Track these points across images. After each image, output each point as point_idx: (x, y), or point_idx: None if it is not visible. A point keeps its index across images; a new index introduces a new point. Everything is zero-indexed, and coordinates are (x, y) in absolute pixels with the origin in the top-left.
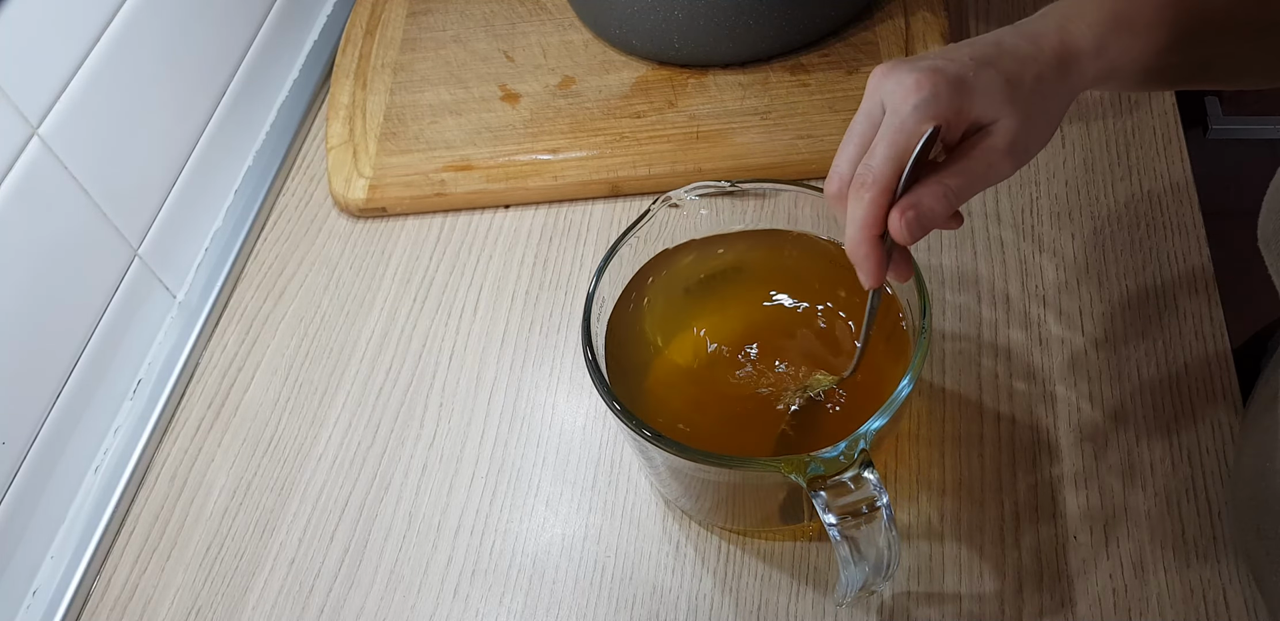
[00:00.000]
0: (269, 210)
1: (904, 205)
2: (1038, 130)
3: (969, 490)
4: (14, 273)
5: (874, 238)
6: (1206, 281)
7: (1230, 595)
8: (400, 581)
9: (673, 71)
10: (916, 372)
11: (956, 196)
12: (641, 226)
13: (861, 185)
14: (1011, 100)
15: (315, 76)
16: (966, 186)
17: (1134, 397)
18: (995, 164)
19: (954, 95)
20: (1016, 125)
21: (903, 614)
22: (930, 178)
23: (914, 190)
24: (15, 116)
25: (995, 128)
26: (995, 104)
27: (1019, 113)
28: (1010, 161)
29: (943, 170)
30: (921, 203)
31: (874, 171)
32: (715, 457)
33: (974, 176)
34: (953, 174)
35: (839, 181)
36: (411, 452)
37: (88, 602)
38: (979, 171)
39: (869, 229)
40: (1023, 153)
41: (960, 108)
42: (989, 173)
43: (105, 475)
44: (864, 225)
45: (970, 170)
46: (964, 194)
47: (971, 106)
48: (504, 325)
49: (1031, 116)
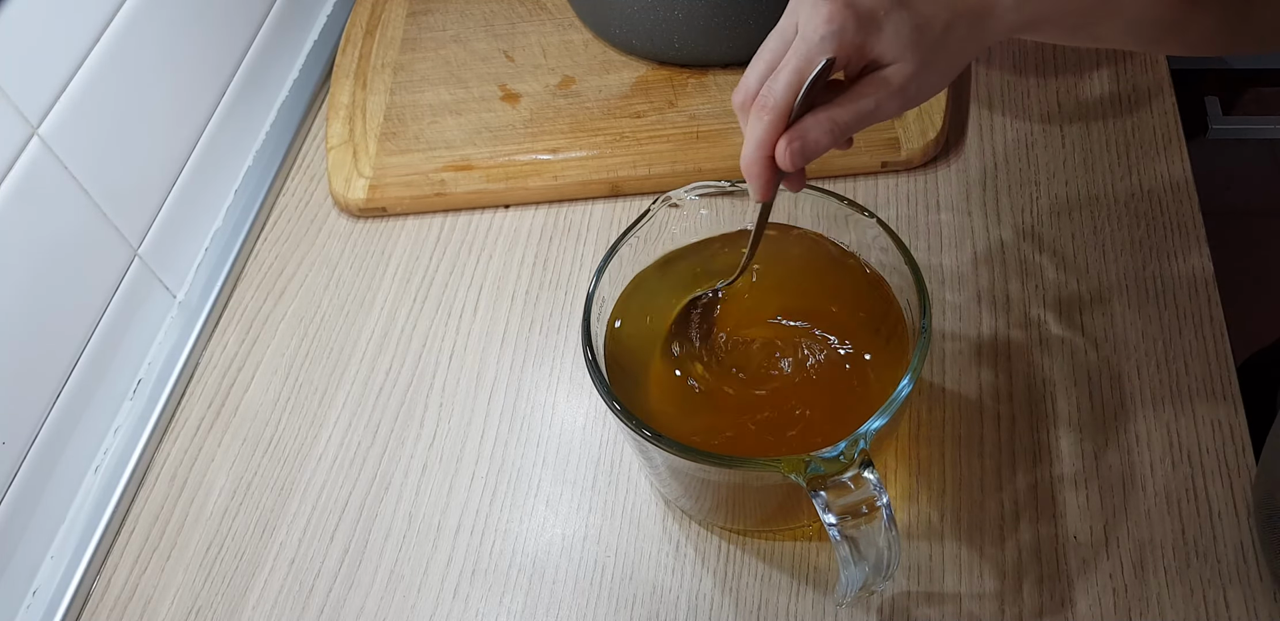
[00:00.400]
0: (269, 210)
1: (791, 135)
2: (934, 77)
3: (969, 490)
4: (14, 273)
5: (766, 157)
6: (1206, 281)
7: (1230, 595)
8: (400, 581)
9: (673, 71)
10: (916, 373)
11: (842, 130)
12: (641, 226)
13: (762, 107)
14: (915, 45)
15: (315, 76)
16: (853, 121)
17: (1134, 397)
18: (883, 103)
19: (860, 31)
20: (913, 69)
21: (903, 614)
22: (820, 110)
23: (803, 120)
24: (15, 116)
25: (892, 69)
26: (898, 47)
27: (918, 58)
28: (897, 102)
29: (833, 103)
30: (808, 134)
31: (774, 94)
32: (715, 457)
33: (861, 113)
34: (842, 108)
35: (744, 95)
36: (411, 452)
37: (88, 602)
38: (867, 108)
39: (763, 149)
40: (914, 96)
41: (863, 44)
42: (876, 111)
43: (105, 475)
44: (759, 145)
45: (859, 107)
46: (850, 128)
47: (875, 44)
48: (504, 325)
49: (931, 63)
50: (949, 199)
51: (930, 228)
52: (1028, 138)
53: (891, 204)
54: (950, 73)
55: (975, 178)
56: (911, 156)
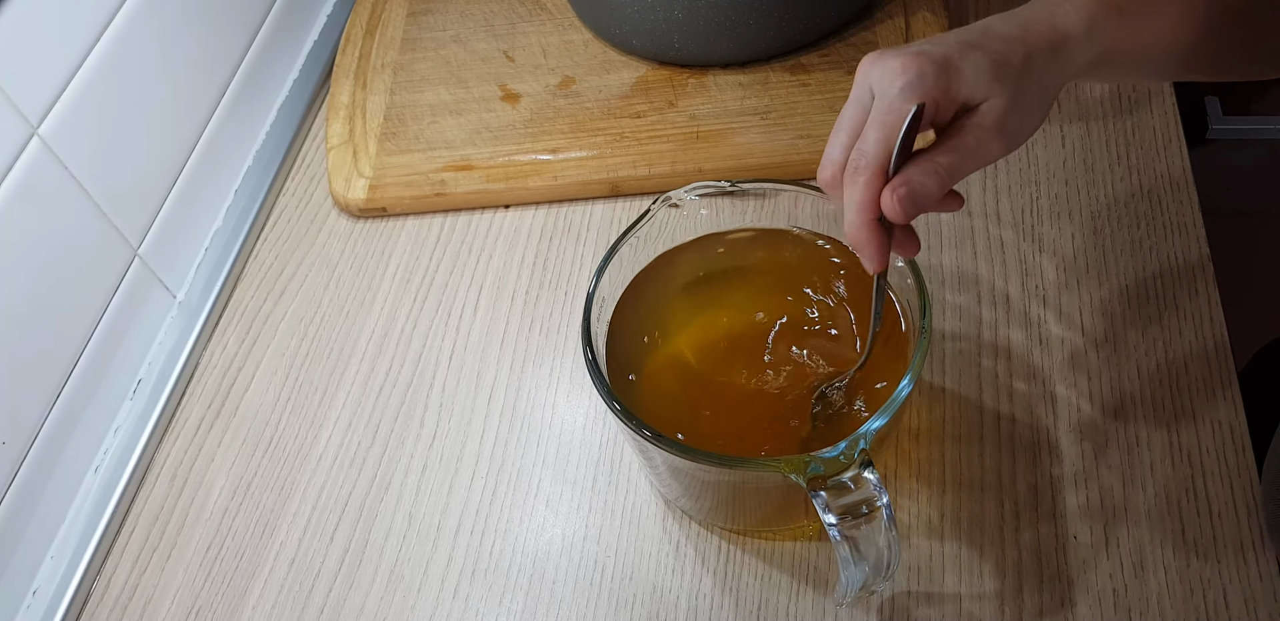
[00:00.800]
0: (269, 210)
1: (895, 183)
2: (1028, 111)
3: (969, 490)
4: (14, 273)
5: (872, 221)
6: (1206, 281)
7: (1230, 595)
8: (400, 581)
9: (673, 71)
10: (916, 373)
11: (948, 173)
12: (641, 226)
13: (855, 169)
14: (999, 79)
15: (315, 76)
16: (957, 163)
17: (1134, 398)
18: (984, 141)
19: (939, 76)
20: (1005, 104)
21: (903, 614)
22: (921, 157)
23: (904, 169)
24: (15, 116)
25: (984, 107)
26: (983, 83)
27: (1007, 92)
28: (1000, 140)
29: (933, 150)
30: (912, 180)
31: (866, 155)
32: (715, 457)
33: (964, 154)
34: (943, 152)
35: (832, 168)
36: (411, 452)
37: (88, 602)
38: (969, 149)
39: (866, 212)
40: (1013, 133)
41: (947, 87)
42: (979, 151)
43: (105, 475)
44: (861, 208)
45: (960, 148)
46: (955, 171)
47: (959, 86)
48: (504, 325)
49: (1020, 97)
50: None
51: (930, 228)
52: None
53: None
54: (1042, 107)
55: (975, 178)
56: None
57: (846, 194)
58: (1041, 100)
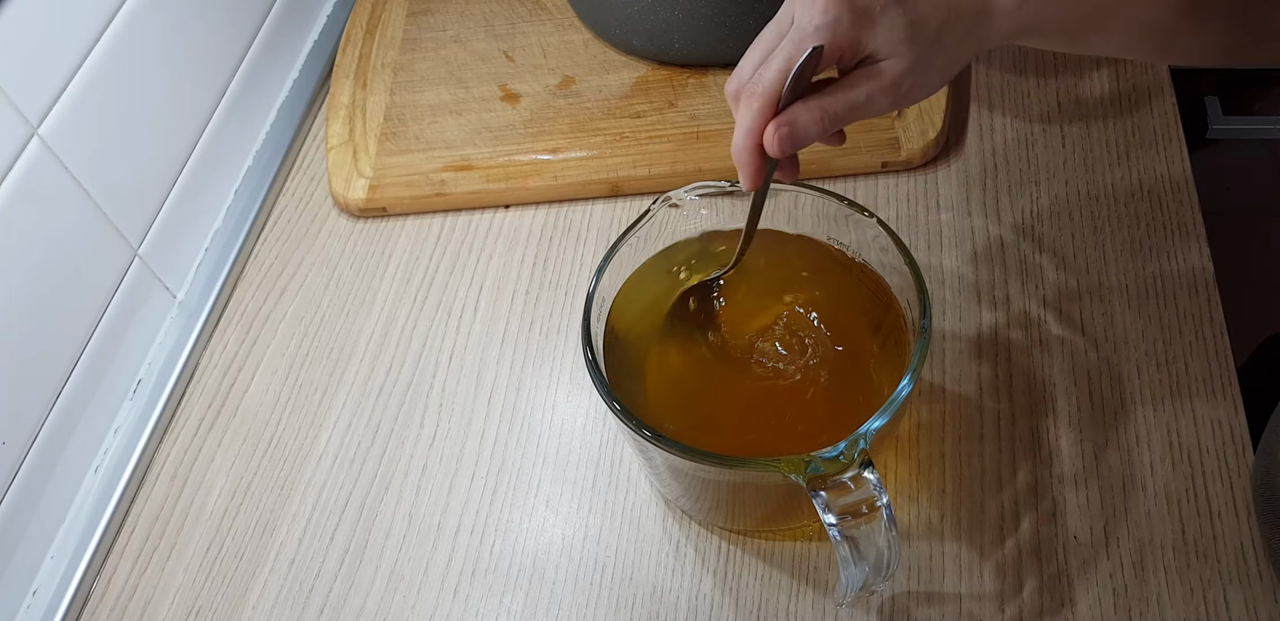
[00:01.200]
0: (269, 210)
1: (780, 120)
2: (929, 75)
3: (969, 490)
4: (14, 273)
5: (756, 145)
6: (1206, 281)
7: (1230, 595)
8: (400, 581)
9: (673, 71)
10: (916, 373)
11: (831, 119)
12: (641, 226)
13: (751, 94)
14: (909, 41)
15: (315, 76)
16: (843, 112)
17: (1134, 397)
18: (874, 97)
19: (854, 24)
20: (905, 65)
21: (903, 614)
22: (812, 98)
23: (792, 107)
24: (15, 116)
25: (885, 64)
26: (891, 42)
27: (913, 54)
28: (889, 97)
29: (825, 93)
30: (797, 120)
31: (763, 81)
32: (715, 457)
33: (852, 104)
34: (833, 97)
35: (737, 83)
36: (411, 452)
37: (88, 602)
38: (858, 100)
39: (751, 136)
40: (906, 93)
41: (858, 37)
42: (867, 103)
43: (105, 475)
44: (748, 133)
45: (850, 98)
46: (839, 118)
47: (870, 39)
48: (504, 325)
49: (924, 62)
50: (949, 199)
51: (930, 228)
52: (1028, 138)
53: (891, 204)
54: (946, 73)
55: (975, 178)
56: (911, 156)
57: (739, 115)
58: (945, 67)
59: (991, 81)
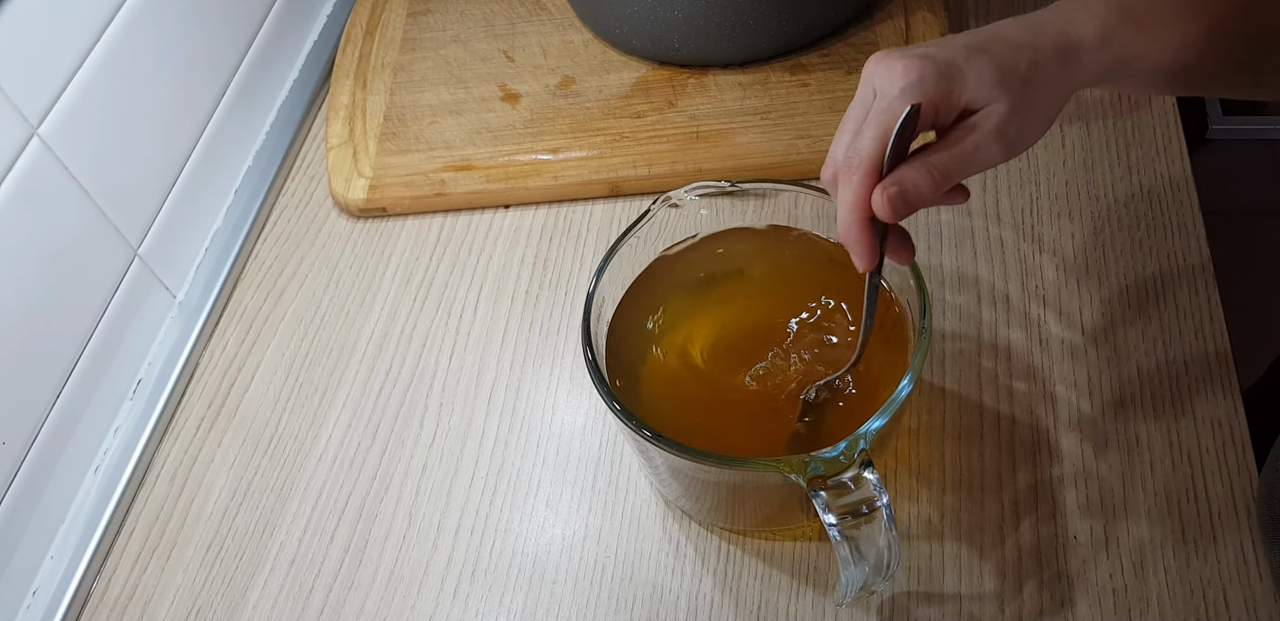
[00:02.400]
0: (269, 210)
1: (887, 182)
2: (1031, 118)
3: (969, 490)
4: (14, 273)
5: (863, 220)
6: (1206, 281)
7: (1230, 595)
8: (400, 581)
9: (673, 71)
10: (916, 373)
11: (941, 173)
12: (641, 226)
13: (849, 168)
14: (1003, 85)
15: (315, 76)
16: (951, 165)
17: (1134, 398)
18: (983, 145)
19: (941, 79)
20: (1006, 109)
21: (903, 614)
22: (916, 157)
23: (898, 169)
24: (15, 116)
25: (985, 111)
26: (985, 88)
27: (1010, 97)
28: (998, 145)
29: (929, 150)
30: (904, 178)
31: (860, 153)
32: (715, 458)
33: (959, 156)
34: (938, 152)
35: (833, 167)
36: (411, 452)
37: (88, 602)
38: (965, 152)
39: (858, 211)
40: (1014, 139)
41: (949, 91)
42: (976, 154)
43: (105, 475)
44: (853, 207)
45: (956, 149)
46: (949, 172)
47: (962, 90)
48: (504, 325)
49: (1024, 103)
50: None
51: (930, 228)
52: None
53: None
54: (1049, 114)
55: (975, 178)
56: None
57: (840, 192)
58: (1047, 108)
59: None
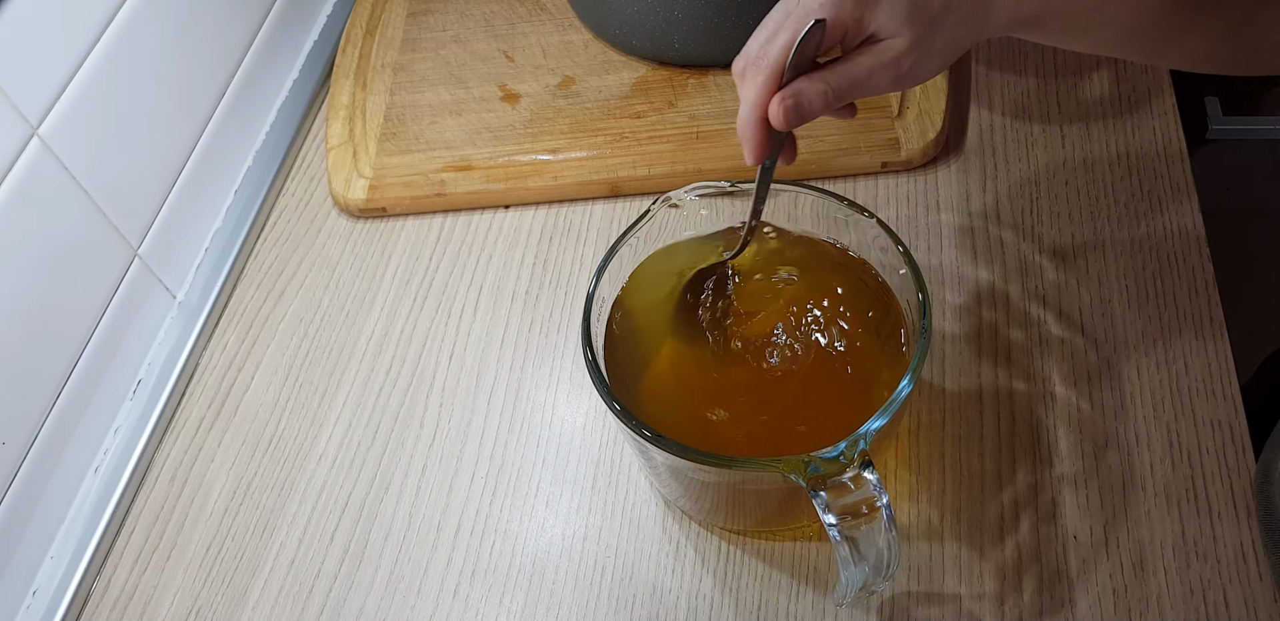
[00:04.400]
0: (269, 210)
1: (784, 93)
2: (928, 56)
3: (969, 490)
4: (14, 273)
5: (760, 118)
6: (1206, 281)
7: (1230, 595)
8: (400, 581)
9: (673, 71)
10: (916, 373)
11: (834, 94)
12: (641, 226)
13: (756, 68)
14: (910, 21)
15: (315, 76)
16: (845, 87)
17: (1134, 397)
18: (875, 73)
19: (858, 3)
20: (907, 44)
21: (903, 614)
22: (816, 73)
23: (797, 81)
24: (15, 116)
25: (887, 43)
26: (894, 21)
27: (914, 34)
28: (890, 76)
29: (829, 68)
30: (801, 93)
31: (768, 56)
32: (715, 458)
33: (854, 80)
34: (836, 73)
35: (744, 61)
36: (411, 452)
37: (88, 602)
38: (860, 76)
39: (757, 110)
40: (908, 73)
41: (860, 17)
42: (868, 79)
43: (105, 475)
44: (753, 106)
45: (852, 74)
46: (842, 94)
47: (872, 17)
48: (504, 325)
49: (925, 42)
50: (949, 199)
51: (930, 228)
52: (1028, 138)
53: (891, 204)
54: (946, 56)
55: (975, 178)
56: (911, 156)
57: (743, 89)
58: (946, 50)
59: (991, 81)
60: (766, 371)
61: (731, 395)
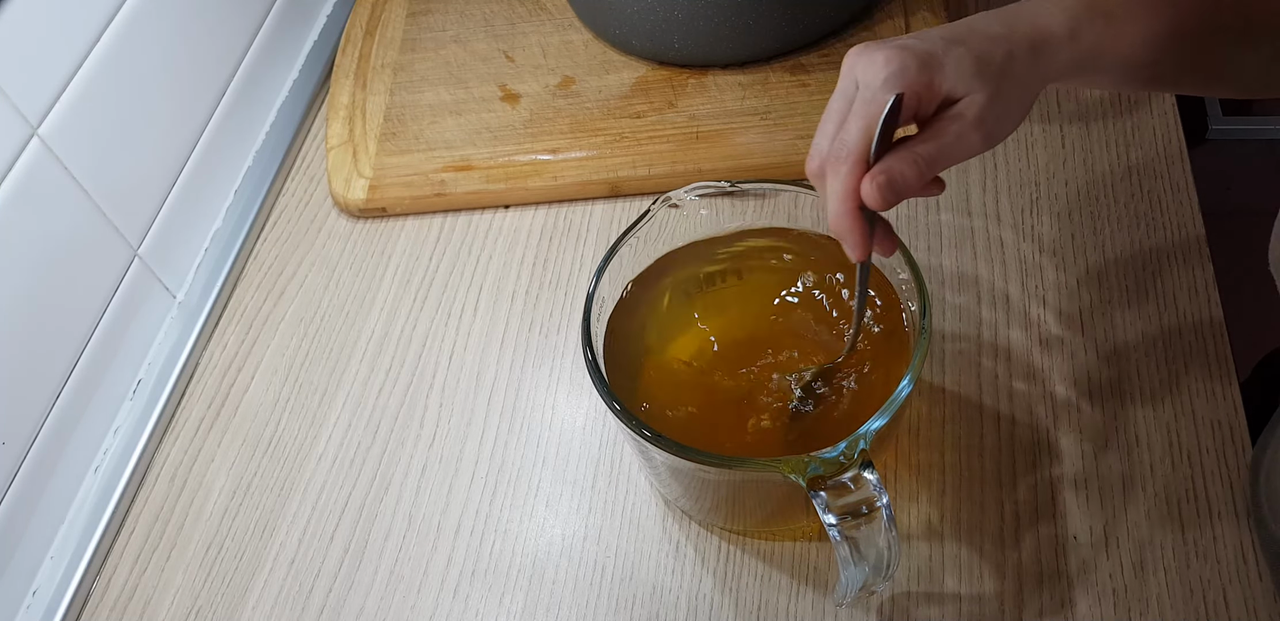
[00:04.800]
0: (269, 210)
1: (875, 172)
2: (1008, 107)
3: (969, 490)
4: (14, 273)
5: (854, 210)
6: (1206, 281)
7: (1230, 595)
8: (400, 581)
9: (673, 71)
10: (916, 373)
11: (926, 162)
12: (641, 226)
13: (837, 159)
14: (980, 75)
15: (315, 76)
16: (935, 154)
17: (1134, 398)
18: (964, 134)
19: (922, 69)
20: (985, 99)
21: (903, 614)
22: (901, 147)
23: (885, 158)
24: (15, 116)
25: (965, 101)
26: (964, 79)
27: (988, 88)
28: (978, 134)
29: (913, 140)
30: (891, 168)
31: (847, 144)
32: (715, 458)
33: (943, 145)
34: (922, 142)
35: (819, 159)
36: (411, 452)
37: (88, 602)
38: (948, 141)
39: (849, 201)
40: (992, 128)
41: (930, 81)
42: (958, 143)
43: (105, 475)
44: (843, 197)
45: (939, 139)
46: (934, 161)
47: (941, 80)
48: (504, 325)
49: (1001, 93)
50: (949, 199)
51: (930, 228)
52: (1028, 138)
53: None
54: (1023, 105)
55: (975, 178)
56: None
57: (830, 183)
58: (1022, 98)
59: None
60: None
61: (732, 395)
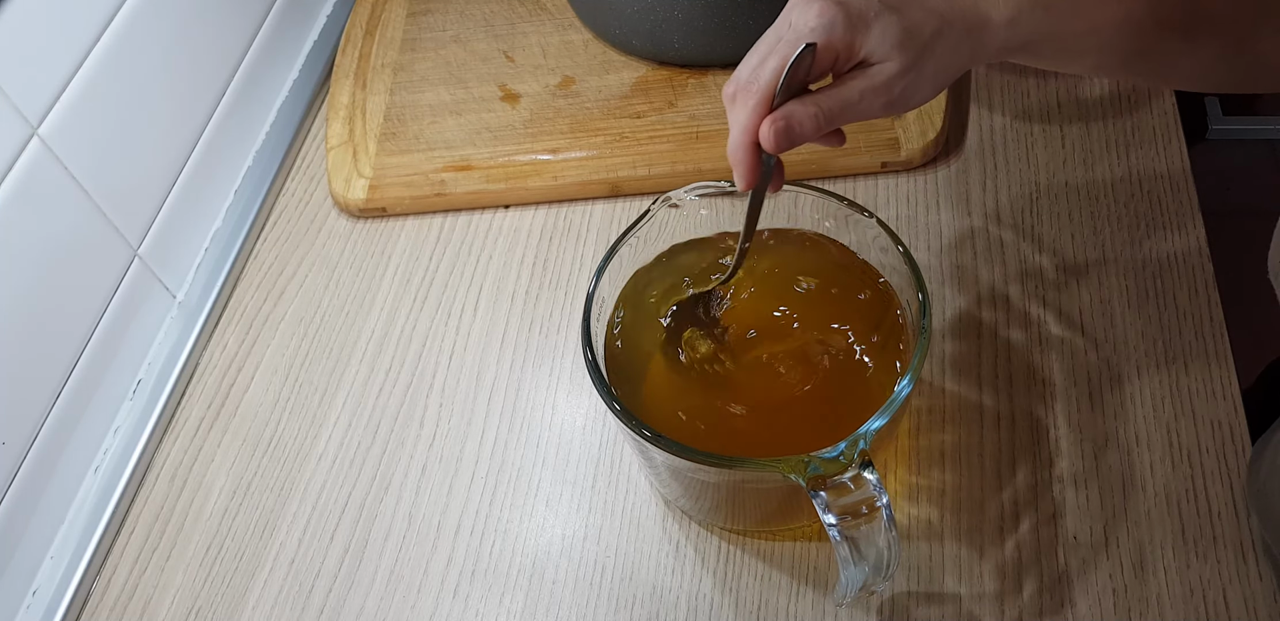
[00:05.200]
0: (269, 210)
1: (776, 116)
2: (919, 81)
3: (969, 490)
4: (14, 273)
5: (751, 143)
6: (1206, 281)
7: (1230, 595)
8: (400, 581)
9: (673, 71)
10: (916, 373)
11: (826, 116)
12: (641, 226)
13: (747, 91)
14: (901, 46)
15: (315, 76)
16: (837, 109)
17: (1134, 397)
18: (867, 96)
19: (849, 28)
20: (897, 69)
21: (903, 614)
22: (807, 96)
23: (787, 104)
24: (15, 116)
25: (878, 67)
26: (885, 46)
27: (905, 59)
28: (880, 99)
29: (821, 92)
30: (791, 116)
31: (759, 80)
32: (715, 458)
33: (845, 103)
34: (828, 97)
35: (734, 86)
36: (411, 452)
37: (88, 602)
38: (851, 101)
39: (748, 134)
40: (898, 98)
41: (851, 42)
42: (859, 103)
43: (105, 475)
44: (744, 130)
45: (843, 97)
46: (834, 116)
47: (863, 42)
48: (504, 325)
49: (918, 67)
50: (949, 199)
51: (930, 228)
52: (1028, 138)
53: (891, 204)
54: (938, 81)
55: (975, 178)
56: (911, 156)
57: (733, 113)
58: (939, 74)
59: (991, 81)
60: (766, 372)
61: (732, 395)
